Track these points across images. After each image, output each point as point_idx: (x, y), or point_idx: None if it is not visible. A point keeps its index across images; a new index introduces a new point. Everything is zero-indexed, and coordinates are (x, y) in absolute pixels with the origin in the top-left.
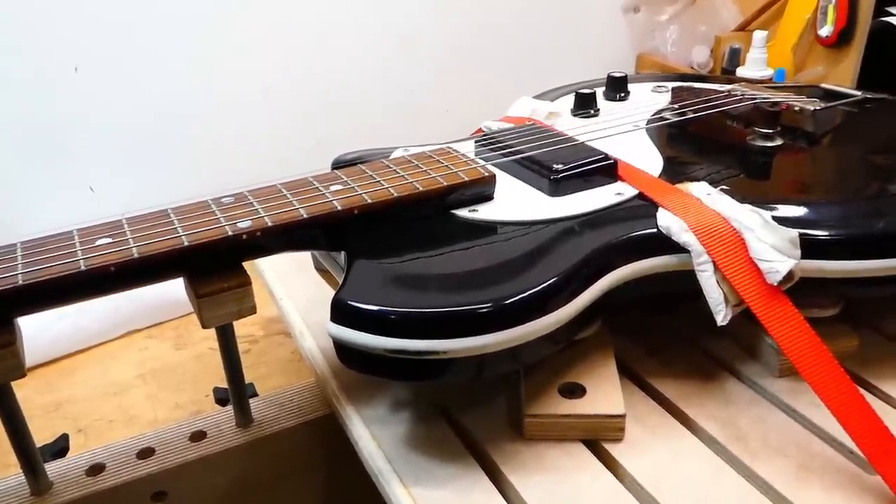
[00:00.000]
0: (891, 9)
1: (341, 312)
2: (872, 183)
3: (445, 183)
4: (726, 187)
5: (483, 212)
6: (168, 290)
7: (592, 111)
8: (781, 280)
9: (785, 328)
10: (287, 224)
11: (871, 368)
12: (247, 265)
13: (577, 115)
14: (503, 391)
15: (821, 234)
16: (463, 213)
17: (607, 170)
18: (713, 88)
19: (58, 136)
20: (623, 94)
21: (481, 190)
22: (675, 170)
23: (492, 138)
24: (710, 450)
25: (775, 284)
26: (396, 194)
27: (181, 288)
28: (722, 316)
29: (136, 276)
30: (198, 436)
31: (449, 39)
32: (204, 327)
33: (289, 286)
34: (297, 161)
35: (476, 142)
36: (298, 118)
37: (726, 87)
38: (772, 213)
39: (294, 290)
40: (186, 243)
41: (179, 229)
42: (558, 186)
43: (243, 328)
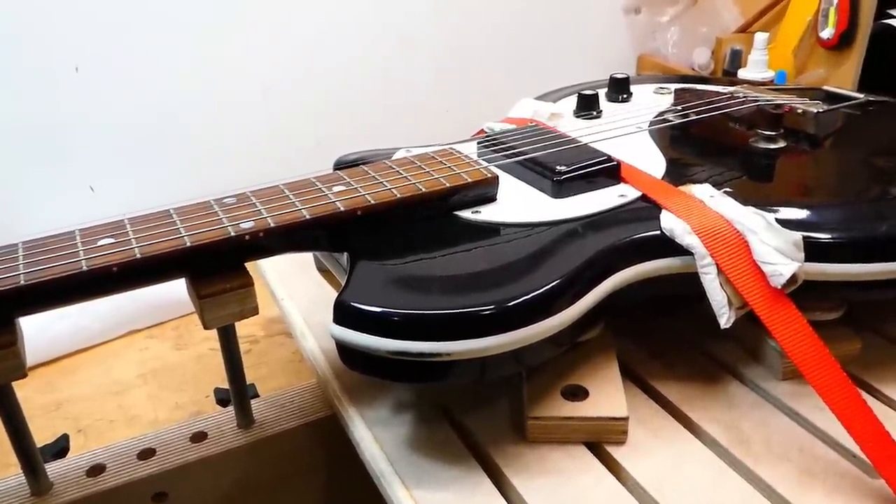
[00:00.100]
0: (892, 11)
1: (344, 314)
2: (875, 186)
3: (448, 184)
4: (729, 189)
5: (486, 213)
6: (169, 290)
7: (595, 112)
8: (785, 283)
9: (788, 331)
10: (290, 225)
11: (874, 372)
12: (249, 266)
13: (580, 117)
14: (506, 393)
15: (824, 237)
16: (466, 215)
17: (610, 171)
18: (715, 90)
19: (58, 137)
20: (625, 96)
21: (484, 191)
22: (678, 172)
23: (494, 139)
24: (713, 453)
25: (779, 287)
26: (399, 195)
27: (182, 288)
28: (725, 319)
29: (139, 277)
30: (199, 436)
31: (449, 39)
32: (206, 328)
33: (290, 287)
34: (298, 161)
35: (479, 143)
36: (298, 118)
37: (729, 89)
38: (775, 216)
39: (296, 291)
40: (189, 244)
41: (182, 230)
42: (561, 188)
43: (244, 328)
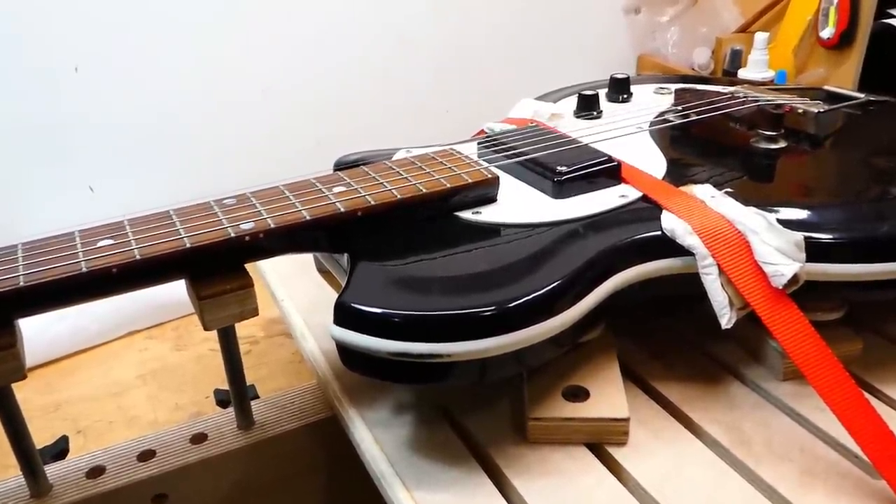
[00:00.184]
0: (892, 10)
1: (344, 315)
2: (877, 186)
3: (449, 185)
4: (730, 190)
5: (486, 214)
6: (168, 291)
7: (595, 113)
8: (786, 283)
9: (790, 332)
10: (290, 226)
11: (875, 372)
12: (249, 267)
13: (580, 117)
14: (506, 394)
15: (825, 238)
16: (466, 216)
17: (611, 172)
18: (716, 90)
19: (58, 137)
20: (626, 96)
21: (484, 192)
22: (679, 172)
23: (495, 140)
24: (714, 454)
25: (780, 288)
26: (399, 196)
27: (181, 288)
28: (726, 319)
29: (138, 278)
30: (199, 438)
31: (449, 39)
32: (206, 329)
33: (290, 287)
34: (298, 161)
35: (479, 143)
36: (298, 118)
37: (729, 90)
38: (776, 216)
39: (296, 292)
40: (189, 245)
41: (181, 231)
42: (562, 188)
43: (244, 329)
